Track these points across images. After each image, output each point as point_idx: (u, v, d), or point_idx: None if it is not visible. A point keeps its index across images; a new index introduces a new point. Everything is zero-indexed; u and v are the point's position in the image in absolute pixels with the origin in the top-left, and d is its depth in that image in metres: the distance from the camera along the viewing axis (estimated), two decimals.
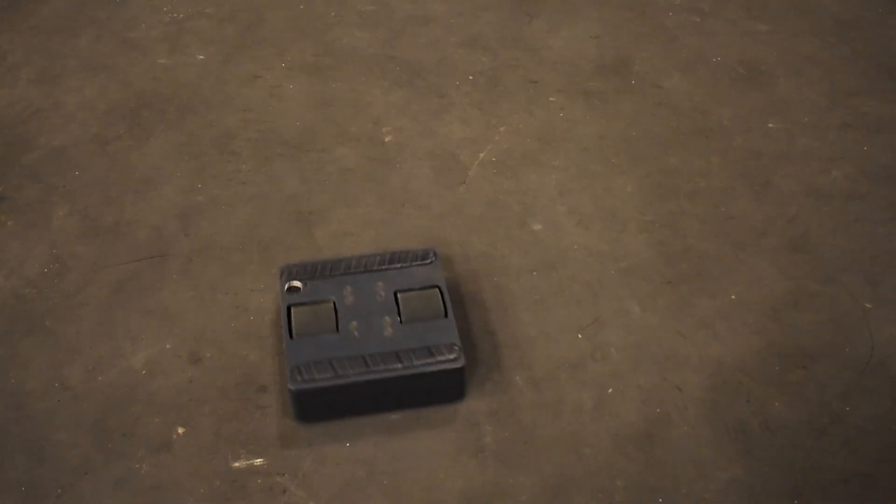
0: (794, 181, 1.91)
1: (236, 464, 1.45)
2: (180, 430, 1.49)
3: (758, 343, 1.62)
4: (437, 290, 1.59)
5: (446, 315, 1.55)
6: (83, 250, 1.76)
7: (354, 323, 1.53)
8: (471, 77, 2.16)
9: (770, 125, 2.04)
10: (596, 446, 1.47)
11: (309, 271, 1.61)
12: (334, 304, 1.56)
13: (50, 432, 1.49)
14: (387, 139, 2.00)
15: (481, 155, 1.97)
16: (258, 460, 1.45)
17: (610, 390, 1.55)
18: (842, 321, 1.65)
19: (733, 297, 1.69)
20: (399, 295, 1.58)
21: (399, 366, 1.47)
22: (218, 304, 1.68)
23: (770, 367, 1.58)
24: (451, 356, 1.49)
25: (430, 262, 1.63)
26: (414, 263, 1.63)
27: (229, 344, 1.61)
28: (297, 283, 1.58)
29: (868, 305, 1.68)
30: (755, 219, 1.83)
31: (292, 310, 1.55)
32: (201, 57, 2.21)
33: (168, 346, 1.61)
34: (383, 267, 1.62)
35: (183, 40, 2.25)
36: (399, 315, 1.55)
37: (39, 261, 1.74)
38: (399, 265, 1.63)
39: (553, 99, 2.10)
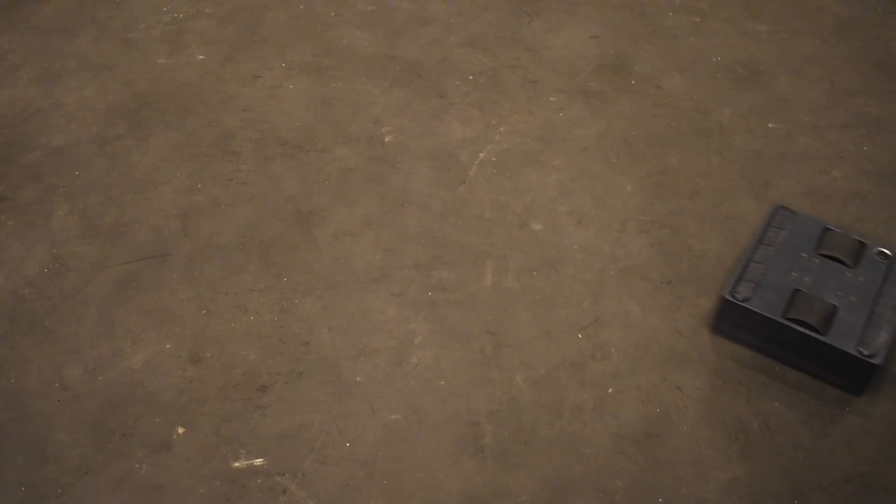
0: (794, 181, 1.91)
1: (236, 464, 1.45)
2: (180, 430, 1.49)
3: None
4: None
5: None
6: (83, 250, 1.76)
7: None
8: (471, 77, 2.16)
9: (770, 125, 2.04)
10: (596, 446, 1.47)
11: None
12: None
13: (50, 432, 1.49)
14: (387, 139, 2.00)
15: (481, 155, 1.97)
16: (258, 460, 1.45)
17: (610, 390, 1.55)
18: None
19: None
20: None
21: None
22: (218, 304, 1.68)
23: (770, 367, 1.58)
24: (868, 350, 1.50)
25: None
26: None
27: (229, 344, 1.61)
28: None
29: None
30: (755, 219, 1.83)
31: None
32: (201, 57, 2.21)
33: (168, 346, 1.61)
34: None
35: (183, 40, 2.25)
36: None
37: (39, 261, 1.74)
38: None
39: (553, 99, 2.10)
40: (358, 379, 1.56)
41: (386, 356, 1.60)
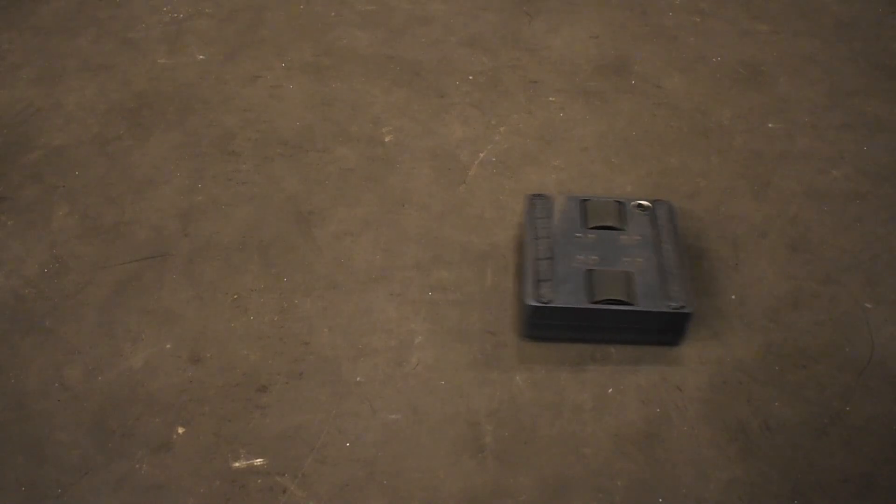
0: (794, 181, 1.91)
1: (236, 464, 1.45)
2: (180, 430, 1.49)
3: (758, 343, 1.62)
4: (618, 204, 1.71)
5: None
6: (83, 250, 1.76)
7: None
8: (471, 77, 2.16)
9: (770, 125, 2.04)
10: (596, 446, 1.47)
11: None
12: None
13: (50, 432, 1.49)
14: (387, 139, 2.00)
15: (481, 155, 1.97)
16: (258, 460, 1.45)
17: (610, 390, 1.55)
18: (842, 321, 1.65)
19: (733, 297, 1.69)
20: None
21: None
22: (218, 304, 1.68)
23: (770, 367, 1.58)
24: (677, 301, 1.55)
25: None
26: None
27: (229, 344, 1.61)
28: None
29: (868, 305, 1.68)
30: (755, 219, 1.83)
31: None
32: (201, 57, 2.21)
33: (168, 346, 1.61)
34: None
35: (183, 40, 2.25)
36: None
37: (39, 261, 1.74)
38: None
39: (553, 99, 2.10)
40: (358, 379, 1.56)
41: (386, 356, 1.60)
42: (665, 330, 1.57)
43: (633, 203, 1.70)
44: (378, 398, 1.54)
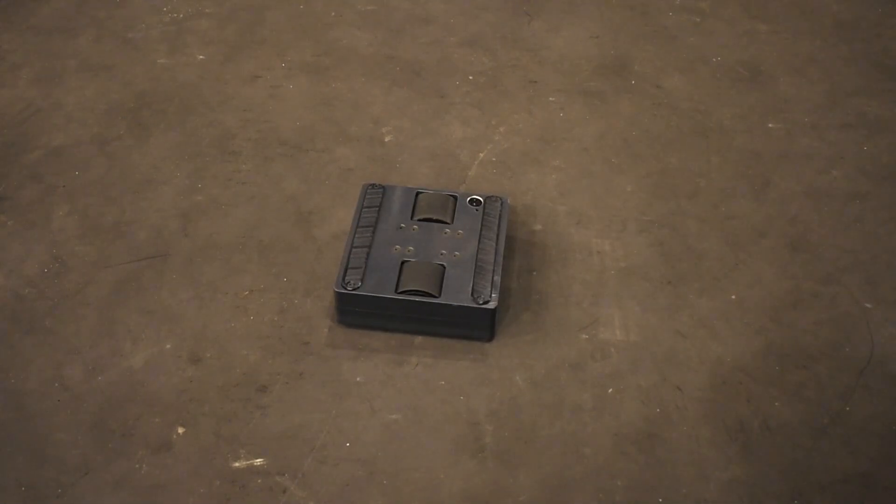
0: (794, 181, 1.91)
1: (236, 464, 1.45)
2: (180, 430, 1.49)
3: (758, 343, 1.62)
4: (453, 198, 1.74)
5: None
6: (83, 250, 1.76)
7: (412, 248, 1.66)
8: (471, 77, 2.16)
9: (770, 125, 2.04)
10: (596, 446, 1.47)
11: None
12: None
13: (50, 432, 1.49)
14: (387, 139, 2.00)
15: (481, 155, 1.97)
16: (258, 460, 1.45)
17: (610, 390, 1.55)
18: (842, 321, 1.65)
19: (733, 297, 1.69)
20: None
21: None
22: (218, 304, 1.68)
23: (770, 367, 1.58)
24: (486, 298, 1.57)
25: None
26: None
27: (229, 344, 1.61)
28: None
29: (868, 305, 1.68)
30: (755, 219, 1.83)
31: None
32: (201, 57, 2.21)
33: (168, 346, 1.61)
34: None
35: (183, 40, 2.25)
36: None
37: (39, 261, 1.74)
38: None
39: (553, 99, 2.10)
40: (358, 379, 1.56)
41: (386, 356, 1.60)
42: (471, 325, 1.59)
43: (468, 198, 1.73)
44: (378, 398, 1.54)
